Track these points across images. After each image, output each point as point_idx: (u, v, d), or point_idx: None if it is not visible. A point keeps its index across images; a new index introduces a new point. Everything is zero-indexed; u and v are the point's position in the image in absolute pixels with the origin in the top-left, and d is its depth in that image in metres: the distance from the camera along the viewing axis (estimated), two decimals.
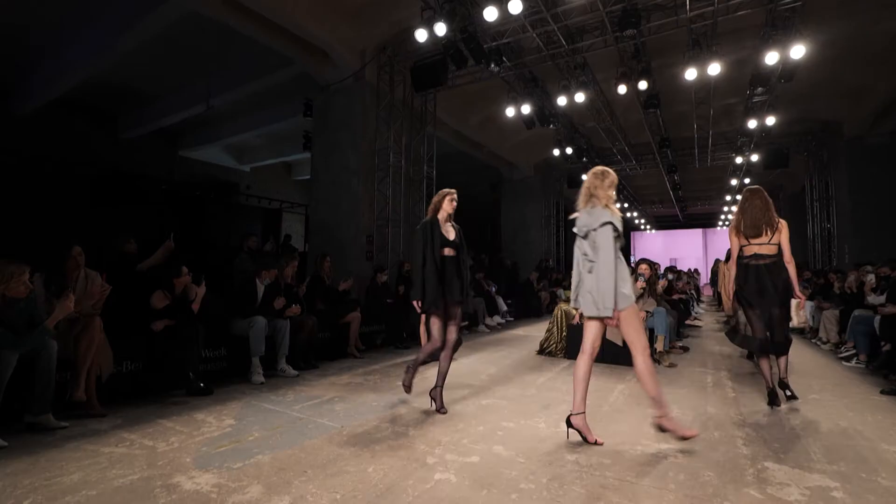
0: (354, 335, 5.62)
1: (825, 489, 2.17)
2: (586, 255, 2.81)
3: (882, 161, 10.76)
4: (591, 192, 2.86)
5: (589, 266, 2.78)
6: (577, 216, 2.91)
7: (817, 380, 4.50)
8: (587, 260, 2.80)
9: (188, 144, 14.60)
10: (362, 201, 7.97)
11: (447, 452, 2.58)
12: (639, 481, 2.24)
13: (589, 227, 2.79)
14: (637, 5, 6.12)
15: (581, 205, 2.89)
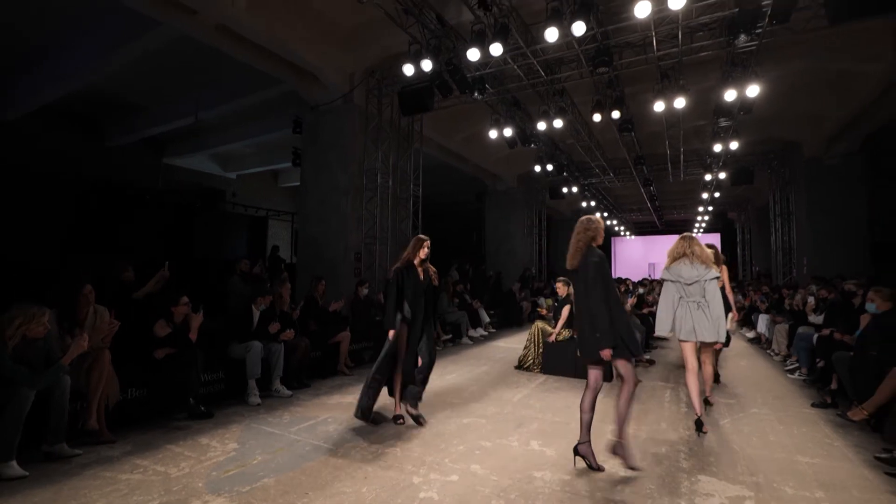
0: (344, 353, 5.96)
1: (741, 498, 2.63)
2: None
3: (837, 181, 11.53)
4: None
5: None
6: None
7: (762, 392, 5.02)
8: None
9: (174, 152, 14.67)
10: (351, 220, 8.30)
11: (431, 472, 2.97)
12: (592, 495, 2.66)
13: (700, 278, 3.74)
14: (609, 45, 6.60)
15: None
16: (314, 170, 8.82)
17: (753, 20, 5.37)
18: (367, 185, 8.50)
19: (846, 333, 4.65)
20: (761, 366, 6.61)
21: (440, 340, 7.92)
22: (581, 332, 3.14)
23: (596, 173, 14.50)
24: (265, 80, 9.03)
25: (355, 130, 8.45)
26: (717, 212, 22.02)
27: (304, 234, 9.03)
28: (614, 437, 3.07)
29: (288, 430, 3.77)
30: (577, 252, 3.14)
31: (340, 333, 5.91)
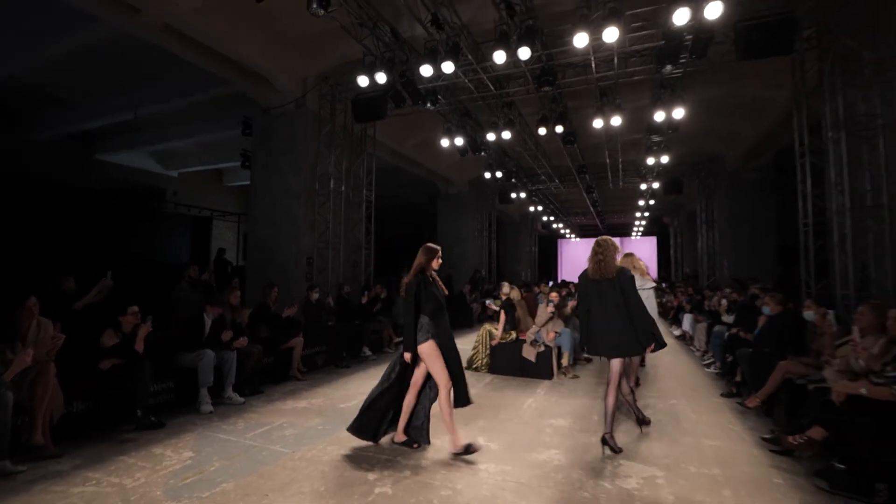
0: (297, 359, 6.02)
1: (653, 477, 3.07)
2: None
3: (754, 192, 12.86)
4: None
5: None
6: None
7: (681, 385, 5.65)
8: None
9: (107, 148, 13.80)
10: (303, 224, 8.30)
11: (385, 469, 3.20)
12: (530, 483, 3.01)
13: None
14: (553, 65, 7.08)
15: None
16: (265, 173, 8.73)
17: (677, 52, 6.01)
18: (320, 190, 8.53)
19: (748, 332, 5.35)
20: (684, 361, 7.35)
21: (392, 343, 8.12)
22: (609, 333, 3.52)
23: (543, 180, 15.21)
24: (213, 80, 8.80)
25: (308, 135, 8.46)
26: (653, 217, 23.63)
27: (254, 237, 8.91)
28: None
29: (243, 437, 3.85)
30: (610, 266, 3.58)
31: (293, 339, 5.97)
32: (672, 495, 2.85)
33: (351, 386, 5.63)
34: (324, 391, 5.40)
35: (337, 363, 6.73)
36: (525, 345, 6.10)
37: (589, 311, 3.65)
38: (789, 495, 2.84)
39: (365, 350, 7.43)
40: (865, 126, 5.34)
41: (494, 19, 6.15)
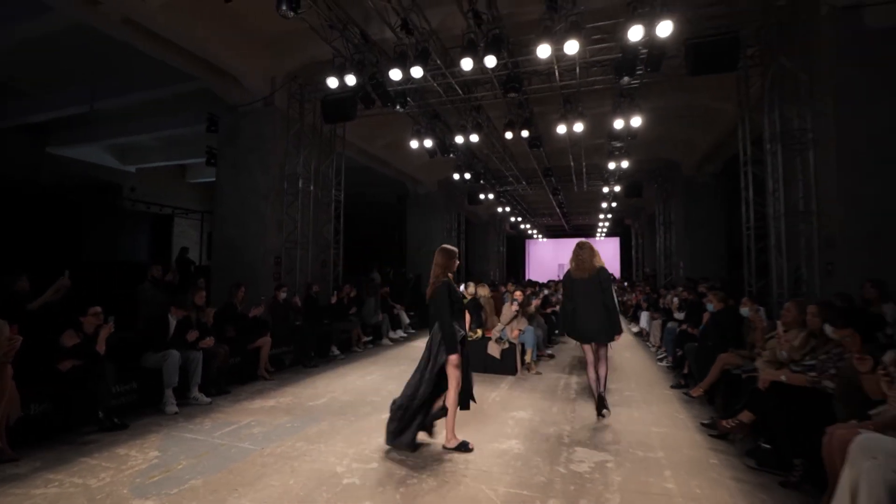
0: (265, 359, 6.02)
1: (604, 462, 3.33)
2: None
3: (706, 197, 13.63)
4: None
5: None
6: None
7: (636, 378, 6.02)
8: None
9: (60, 141, 13.16)
10: (271, 224, 8.25)
11: (353, 462, 3.32)
12: (490, 470, 3.20)
13: None
14: (519, 72, 7.34)
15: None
16: (232, 171, 8.61)
17: (633, 65, 6.37)
18: (289, 190, 8.50)
19: (695, 328, 5.76)
20: (640, 356, 7.78)
21: (360, 343, 8.19)
22: (593, 319, 4.15)
23: (510, 181, 15.56)
24: (177, 74, 8.59)
25: (277, 134, 8.41)
26: (616, 219, 24.50)
27: (219, 236, 8.77)
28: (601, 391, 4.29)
29: (211, 436, 3.87)
30: (589, 265, 4.24)
31: (260, 339, 5.97)
32: (620, 477, 3.10)
33: (319, 385, 5.69)
34: (292, 390, 5.44)
35: (305, 363, 6.75)
36: (490, 342, 6.32)
37: (573, 303, 4.27)
38: (722, 473, 3.15)
39: (333, 349, 7.48)
40: (798, 140, 5.85)
41: (462, 27, 6.33)
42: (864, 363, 2.70)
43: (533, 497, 2.81)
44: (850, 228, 5.25)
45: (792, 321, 3.61)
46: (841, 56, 5.49)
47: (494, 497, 2.81)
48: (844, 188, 5.31)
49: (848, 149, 5.32)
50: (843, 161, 5.37)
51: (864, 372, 2.69)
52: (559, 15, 5.75)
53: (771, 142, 6.18)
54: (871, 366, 2.68)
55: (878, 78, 5.27)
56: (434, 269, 3.67)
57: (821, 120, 5.63)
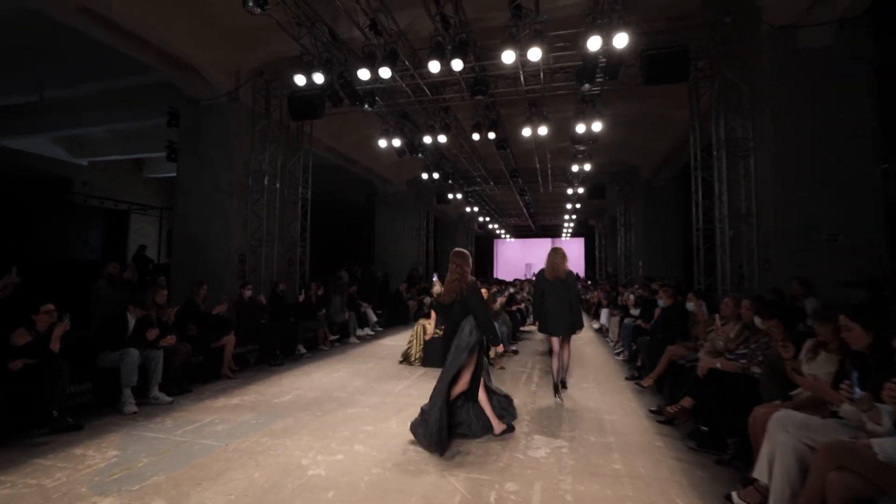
0: (229, 357, 5.96)
1: (559, 448, 3.54)
2: None
3: (664, 200, 14.31)
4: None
5: None
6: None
7: (594, 371, 6.32)
8: None
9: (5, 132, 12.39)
10: (235, 222, 8.12)
11: (318, 455, 3.39)
12: (452, 458, 3.34)
13: None
14: (486, 76, 7.54)
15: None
16: (194, 168, 8.41)
17: (593, 73, 6.68)
18: (254, 187, 8.39)
19: (647, 323, 6.11)
20: (600, 351, 8.14)
21: (327, 341, 8.18)
22: (562, 317, 4.75)
23: (478, 182, 15.81)
24: (134, 65, 8.29)
25: (241, 130, 8.28)
26: (581, 219, 25.24)
27: (181, 234, 8.54)
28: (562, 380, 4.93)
29: (172, 434, 3.84)
30: (560, 269, 4.78)
31: (224, 337, 5.91)
32: (573, 460, 3.31)
33: (285, 382, 5.68)
34: (257, 388, 5.41)
35: (270, 361, 6.71)
36: None
37: (545, 301, 4.83)
38: (665, 454, 3.42)
39: (300, 348, 7.45)
40: (741, 147, 6.31)
41: (430, 29, 6.46)
42: (787, 350, 3.00)
43: (492, 481, 2.98)
44: (783, 230, 5.72)
45: (729, 314, 3.94)
46: (778, 72, 5.96)
47: (456, 483, 2.95)
48: (779, 194, 5.77)
49: (783, 157, 5.79)
50: (779, 169, 5.83)
51: (787, 358, 3.00)
52: (523, 23, 5.97)
53: (717, 149, 6.62)
54: (793, 353, 3.00)
55: (810, 93, 5.76)
56: (455, 269, 3.78)
57: (760, 130, 6.10)
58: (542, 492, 2.84)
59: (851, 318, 2.36)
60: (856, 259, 5.40)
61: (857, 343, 2.36)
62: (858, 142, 5.59)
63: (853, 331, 2.35)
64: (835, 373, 2.63)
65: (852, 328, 2.36)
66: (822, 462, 2.07)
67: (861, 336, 2.33)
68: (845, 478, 1.92)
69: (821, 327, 2.84)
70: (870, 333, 2.29)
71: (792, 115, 5.84)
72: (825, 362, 2.80)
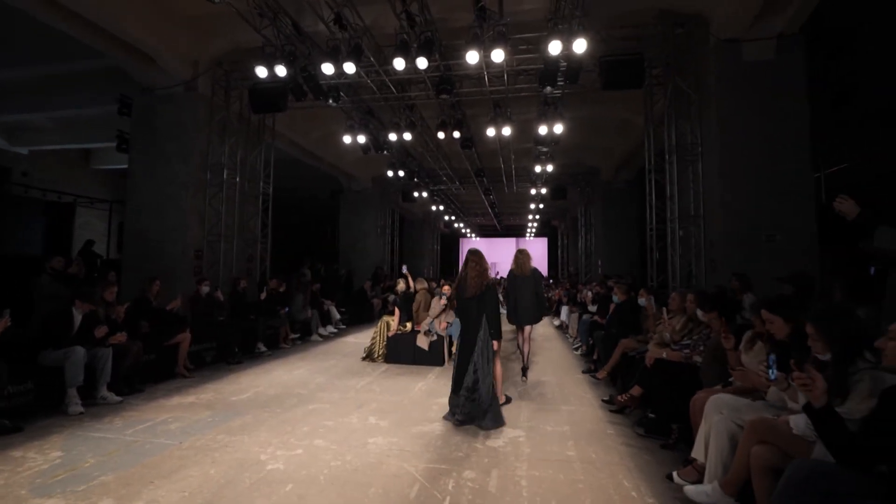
0: (183, 355, 5.77)
1: (517, 437, 3.66)
2: None
3: (622, 202, 14.87)
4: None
5: None
6: None
7: (553, 366, 6.53)
8: None
9: None
10: (192, 216, 7.84)
11: (277, 450, 3.36)
12: (413, 449, 3.40)
13: None
14: (451, 75, 7.62)
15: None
16: (148, 159, 8.05)
17: (554, 76, 6.89)
18: (212, 181, 8.13)
19: (603, 317, 6.37)
20: (559, 347, 8.40)
21: (289, 339, 8.04)
22: (528, 310, 5.52)
23: (444, 181, 15.91)
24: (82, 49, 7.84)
25: (199, 121, 8.00)
26: (544, 220, 25.86)
27: (133, 228, 8.15)
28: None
29: (122, 434, 3.70)
30: (526, 267, 5.59)
31: (179, 334, 5.71)
32: (529, 448, 3.44)
33: (243, 380, 5.56)
34: (213, 386, 5.27)
35: (229, 359, 6.53)
36: (419, 335, 6.53)
37: (515, 296, 5.55)
38: (616, 440, 3.60)
39: (260, 346, 7.28)
40: (690, 152, 6.69)
41: (395, 26, 6.47)
42: (729, 341, 3.21)
43: (450, 470, 3.05)
44: (728, 231, 6.11)
45: (676, 308, 4.19)
46: (724, 83, 6.36)
47: (415, 472, 3.01)
48: (724, 197, 6.16)
49: (728, 163, 6.18)
50: (724, 173, 6.22)
51: (729, 349, 3.20)
52: (487, 24, 6.09)
53: (669, 153, 6.98)
54: (734, 343, 3.21)
55: (753, 104, 6.17)
56: (475, 267, 4.11)
57: (708, 137, 6.48)
58: (499, 478, 2.94)
59: (772, 311, 2.58)
60: (792, 257, 5.84)
61: (780, 333, 2.59)
62: (795, 151, 6.05)
63: (775, 322, 2.58)
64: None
65: (774, 320, 2.58)
66: (746, 437, 2.27)
67: (782, 326, 2.55)
68: (765, 450, 2.11)
69: (756, 319, 3.07)
70: (789, 324, 2.51)
71: (736, 124, 6.23)
72: (759, 352, 3.03)
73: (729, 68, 6.31)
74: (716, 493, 2.37)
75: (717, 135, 6.31)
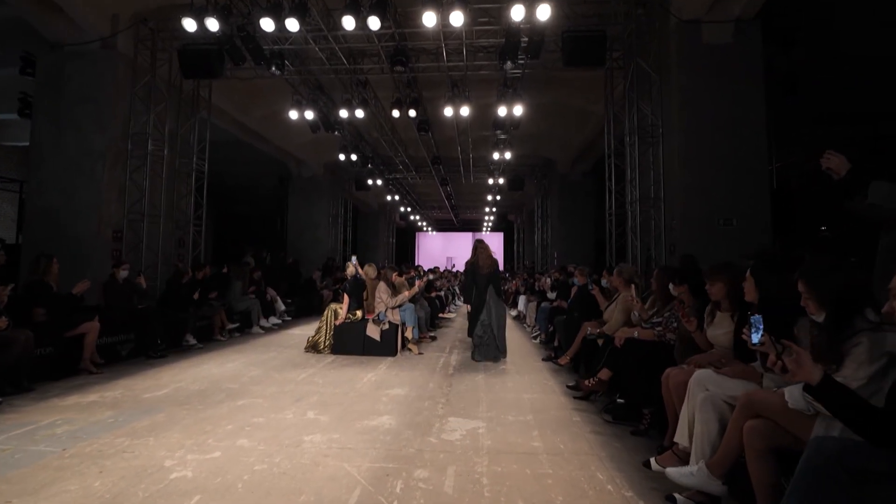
0: (90, 348, 4.94)
1: (476, 429, 3.26)
2: None
3: (579, 193, 14.95)
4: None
5: None
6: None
7: (512, 355, 6.18)
8: None
9: None
10: (109, 192, 6.89)
11: (189, 454, 2.77)
12: (356, 447, 2.91)
13: None
14: (406, 46, 7.12)
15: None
16: (56, 126, 7.00)
17: (515, 50, 6.56)
18: (134, 152, 7.18)
19: (564, 300, 6.13)
20: (516, 335, 8.13)
21: (225, 330, 7.27)
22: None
23: (400, 169, 15.37)
24: None
25: (119, 84, 7.05)
26: (501, 213, 25.85)
27: (37, 205, 7.07)
28: None
29: None
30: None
31: (85, 324, 4.89)
32: (490, 440, 3.05)
33: (164, 375, 4.83)
34: (125, 383, 4.52)
35: (150, 353, 5.73)
36: (369, 323, 6.02)
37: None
38: (583, 428, 3.29)
39: (189, 338, 6.48)
40: (651, 134, 6.57)
41: None
42: (691, 324, 2.95)
43: (399, 469, 2.60)
44: (687, 215, 6.03)
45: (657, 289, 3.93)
46: (684, 64, 6.27)
47: (357, 474, 2.53)
48: (684, 179, 6.07)
49: (687, 145, 6.10)
50: (684, 156, 6.14)
51: (693, 331, 2.94)
52: None
53: (630, 134, 6.84)
54: (696, 326, 2.96)
55: (713, 86, 6.12)
56: (484, 250, 5.77)
57: (668, 118, 6.38)
58: (456, 476, 2.52)
59: (711, 277, 2.63)
60: (747, 243, 5.81)
61: (750, 295, 2.39)
62: (753, 137, 6.04)
63: (748, 283, 2.38)
64: (733, 330, 2.63)
65: (748, 281, 2.39)
66: (739, 413, 1.99)
67: (752, 290, 2.36)
68: (761, 425, 1.83)
69: (712, 287, 2.82)
70: (758, 288, 2.34)
71: (696, 106, 6.17)
72: (721, 321, 2.80)
73: (689, 49, 6.23)
74: (701, 473, 2.06)
75: (676, 116, 6.22)
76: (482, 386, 4.51)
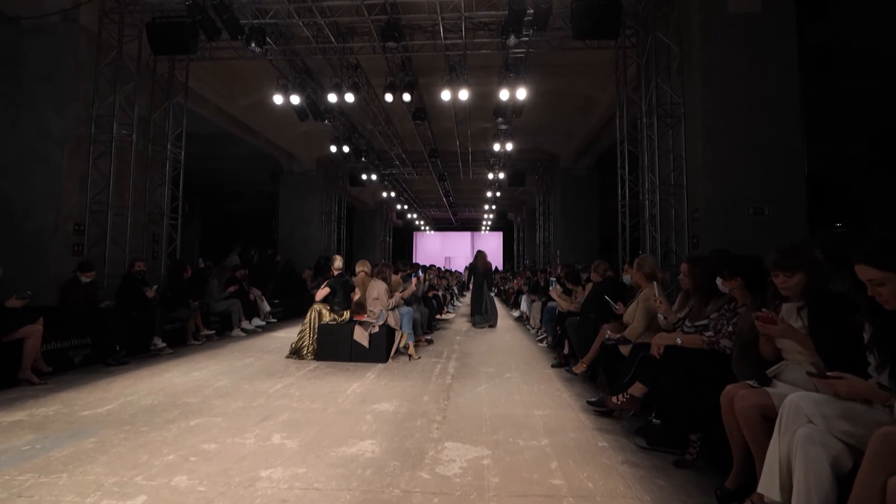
0: (31, 354, 4.26)
1: (479, 458, 2.60)
2: None
3: (583, 188, 14.32)
4: None
5: None
6: None
7: (516, 360, 5.57)
8: None
9: None
10: (70, 180, 6.22)
11: (104, 498, 2.11)
12: (326, 485, 2.26)
13: None
14: (400, 21, 6.47)
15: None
16: (10, 108, 6.34)
17: (520, 23, 5.91)
18: (98, 136, 6.51)
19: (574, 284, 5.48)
20: (520, 338, 7.49)
21: (200, 334, 6.60)
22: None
23: (396, 164, 14.72)
24: None
25: (81, 62, 6.39)
26: (500, 212, 25.19)
27: None
28: None
29: None
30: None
31: (25, 328, 4.22)
32: (497, 476, 2.39)
33: (115, 387, 4.16)
34: (67, 396, 3.86)
35: (108, 359, 5.06)
36: (356, 327, 5.36)
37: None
38: (613, 458, 2.63)
39: (157, 341, 5.80)
40: (670, 114, 5.94)
41: None
42: (773, 323, 2.21)
43: None
44: (712, 200, 5.39)
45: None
46: (707, 35, 5.64)
47: None
48: (709, 162, 5.43)
49: (713, 124, 5.46)
50: (709, 137, 5.50)
51: (785, 334, 2.22)
52: None
53: (647, 116, 6.21)
54: (788, 327, 2.25)
55: (739, 58, 5.50)
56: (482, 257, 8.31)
57: (690, 95, 5.74)
58: None
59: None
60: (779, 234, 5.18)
61: None
62: (786, 116, 5.41)
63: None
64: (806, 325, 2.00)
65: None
66: (874, 460, 1.35)
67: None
68: None
69: (790, 279, 2.14)
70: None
71: (721, 82, 5.55)
72: (788, 314, 2.15)
73: (714, 19, 5.62)
74: None
75: (701, 94, 5.58)
76: (485, 399, 3.86)
